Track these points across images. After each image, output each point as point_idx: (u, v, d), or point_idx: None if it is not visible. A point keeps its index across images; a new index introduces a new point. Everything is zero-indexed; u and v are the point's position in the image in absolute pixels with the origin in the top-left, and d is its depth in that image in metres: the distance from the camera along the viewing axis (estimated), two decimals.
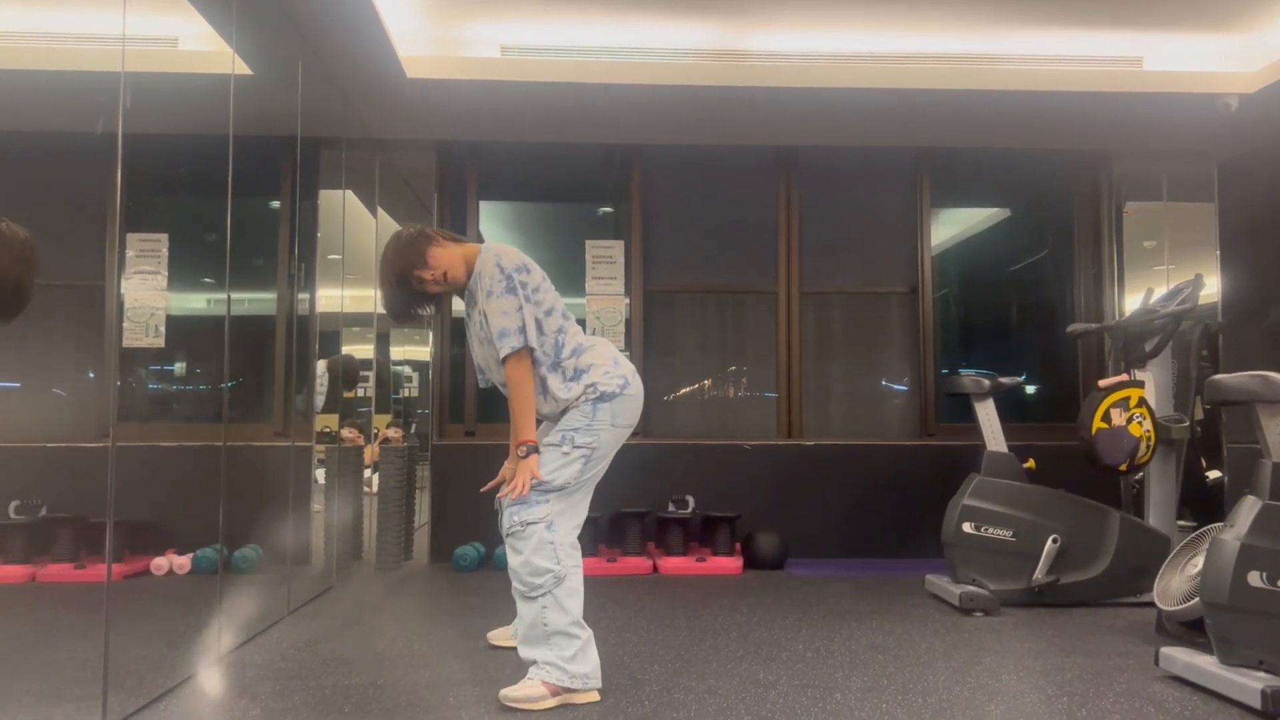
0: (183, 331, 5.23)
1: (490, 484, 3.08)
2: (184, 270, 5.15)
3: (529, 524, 2.79)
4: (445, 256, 2.91)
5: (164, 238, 5.10)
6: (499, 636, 3.50)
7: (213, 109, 3.45)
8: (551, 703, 2.75)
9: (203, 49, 3.76)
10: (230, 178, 3.39)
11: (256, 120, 3.68)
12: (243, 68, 3.56)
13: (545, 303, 2.91)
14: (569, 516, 2.87)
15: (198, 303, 5.42)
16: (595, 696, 2.81)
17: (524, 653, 2.84)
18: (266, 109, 4.08)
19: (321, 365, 5.01)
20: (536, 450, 2.83)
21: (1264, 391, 2.92)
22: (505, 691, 2.76)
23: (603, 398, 2.89)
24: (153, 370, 5.33)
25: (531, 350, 2.86)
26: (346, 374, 5.39)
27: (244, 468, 3.77)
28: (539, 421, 3.01)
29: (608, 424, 2.89)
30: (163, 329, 5.14)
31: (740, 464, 5.56)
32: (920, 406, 5.79)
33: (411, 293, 2.95)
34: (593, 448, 2.87)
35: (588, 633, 2.83)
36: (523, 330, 2.83)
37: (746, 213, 5.88)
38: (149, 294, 5.11)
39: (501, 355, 2.82)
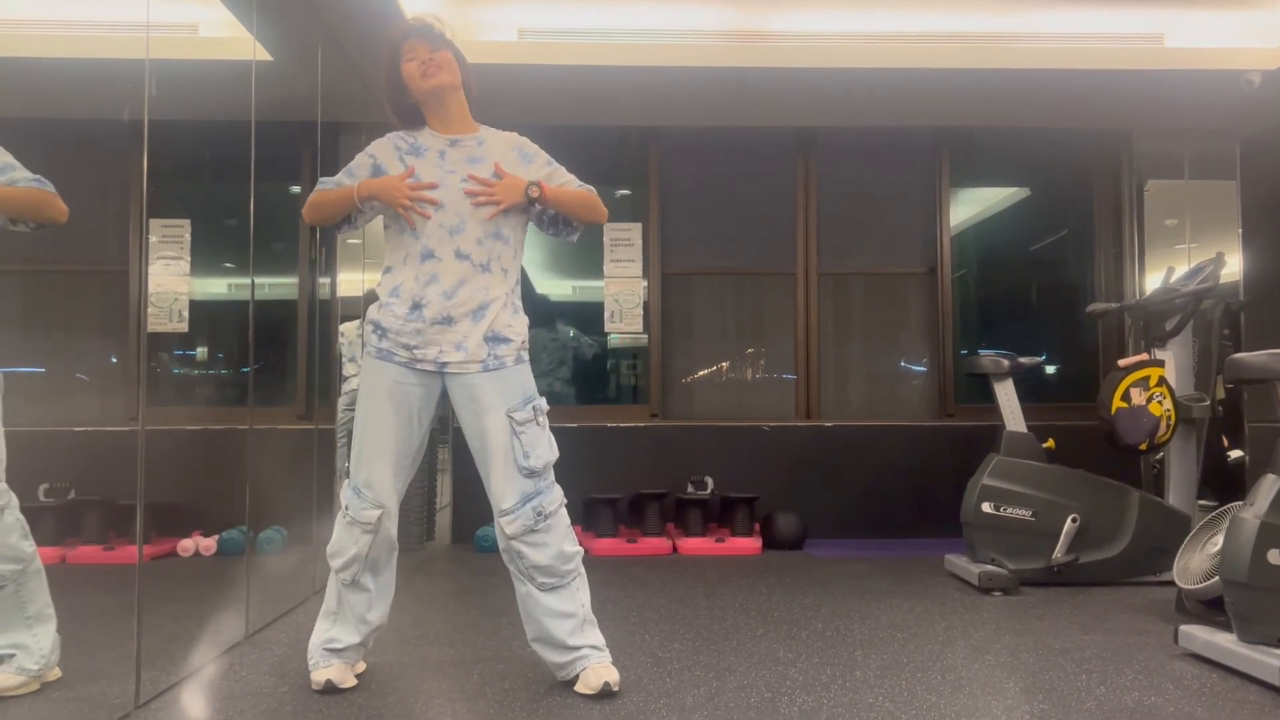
0: (205, 316, 5.28)
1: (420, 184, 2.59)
2: (206, 255, 5.20)
3: (550, 513, 2.60)
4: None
5: (186, 223, 5.14)
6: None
7: (234, 95, 3.47)
8: None
9: (223, 35, 3.79)
10: (253, 163, 3.42)
11: (277, 106, 3.71)
12: (263, 54, 3.58)
13: None
14: None
15: (219, 287, 5.47)
16: None
17: (575, 640, 2.63)
18: (287, 94, 4.10)
19: (343, 327, 5.07)
20: (536, 200, 2.68)
21: None
22: (611, 680, 2.58)
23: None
24: (176, 355, 5.39)
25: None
26: None
27: (267, 450, 3.82)
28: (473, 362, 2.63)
29: None
30: (186, 314, 5.19)
31: (759, 445, 5.58)
32: (939, 387, 5.78)
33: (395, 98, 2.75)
34: None
35: None
36: None
37: (765, 194, 5.87)
38: (172, 279, 5.16)
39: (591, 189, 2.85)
